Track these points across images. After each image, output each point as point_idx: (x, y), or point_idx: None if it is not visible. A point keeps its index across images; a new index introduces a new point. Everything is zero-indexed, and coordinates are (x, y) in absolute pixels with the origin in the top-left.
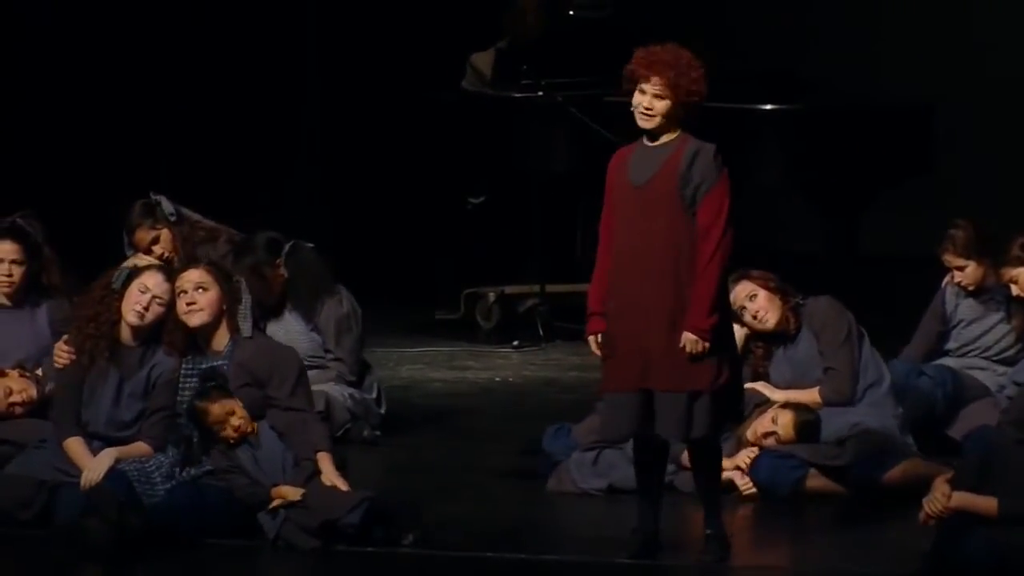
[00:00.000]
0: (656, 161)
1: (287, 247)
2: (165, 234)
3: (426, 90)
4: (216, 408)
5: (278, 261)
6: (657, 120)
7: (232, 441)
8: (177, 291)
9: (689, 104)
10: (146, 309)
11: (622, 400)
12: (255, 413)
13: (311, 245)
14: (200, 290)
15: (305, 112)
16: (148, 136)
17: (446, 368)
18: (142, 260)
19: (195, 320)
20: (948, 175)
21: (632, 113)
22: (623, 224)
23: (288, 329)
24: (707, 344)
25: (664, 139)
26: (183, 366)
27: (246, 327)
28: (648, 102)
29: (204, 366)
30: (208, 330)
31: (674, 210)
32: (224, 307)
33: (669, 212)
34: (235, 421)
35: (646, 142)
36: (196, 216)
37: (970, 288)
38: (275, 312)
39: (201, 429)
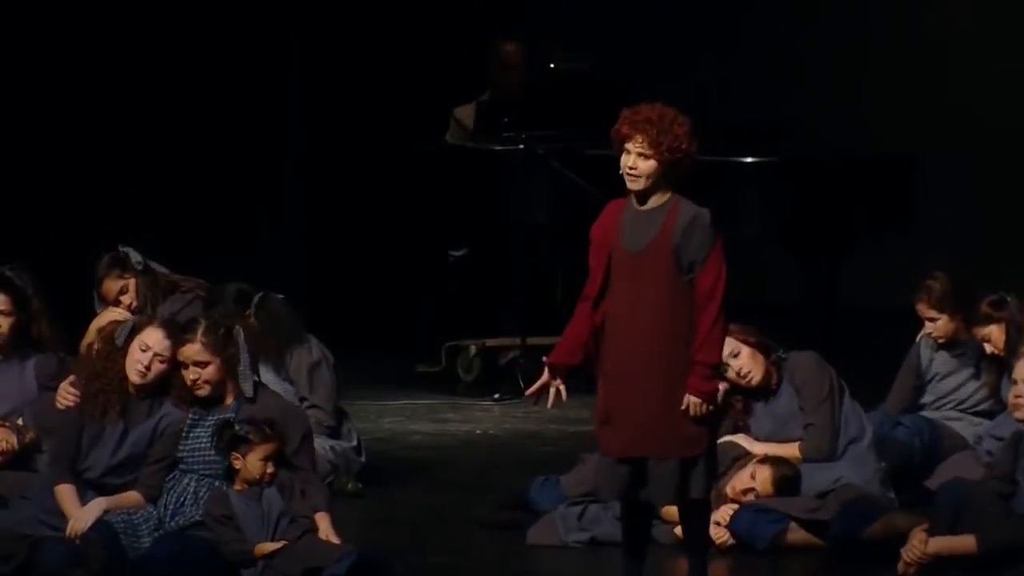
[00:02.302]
0: (650, 227)
1: (257, 298)
2: (133, 284)
3: (408, 142)
4: (261, 450)
5: (248, 313)
6: (643, 181)
7: (264, 482)
8: (180, 361)
9: (676, 162)
10: (148, 368)
11: (615, 464)
12: None
13: (281, 296)
14: (199, 366)
15: (286, 163)
16: (124, 187)
17: (427, 420)
18: (114, 313)
19: (202, 394)
20: (930, 225)
21: (612, 164)
22: (617, 289)
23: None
24: (711, 408)
25: (655, 202)
26: (189, 417)
27: (247, 387)
28: (633, 162)
29: (212, 419)
30: (215, 396)
31: (670, 277)
32: (226, 372)
33: (665, 279)
34: (270, 468)
35: (636, 204)
36: (163, 268)
37: (940, 341)
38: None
39: (230, 464)
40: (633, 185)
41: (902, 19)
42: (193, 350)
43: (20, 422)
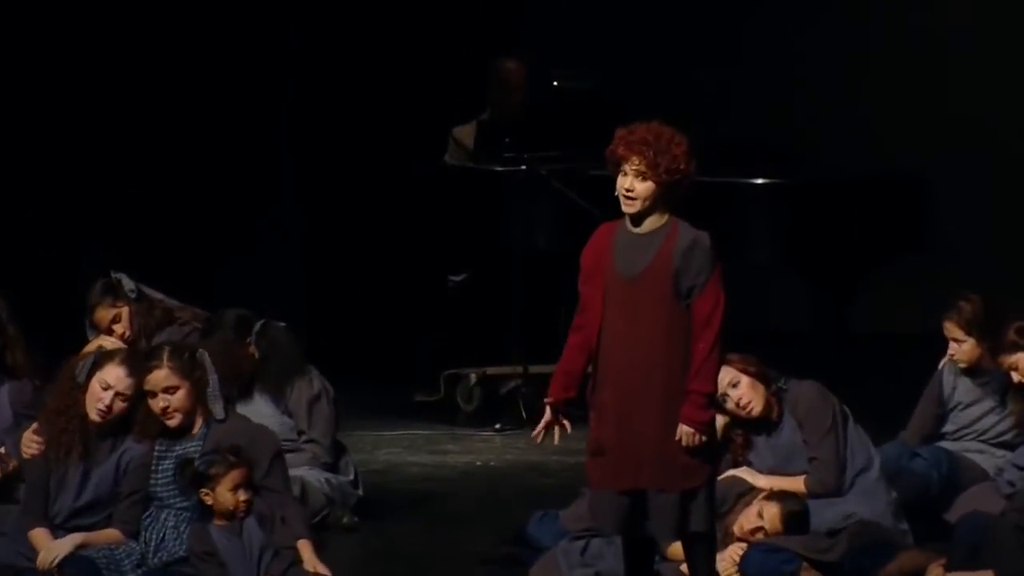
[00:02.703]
0: (646, 251)
1: (258, 326)
2: (126, 312)
3: (406, 163)
4: (228, 480)
5: (248, 340)
6: (639, 204)
7: (239, 511)
8: (147, 388)
9: (674, 184)
10: (108, 408)
11: (612, 499)
12: None
13: (283, 324)
14: (169, 392)
15: (283, 184)
16: (114, 210)
17: (425, 452)
18: (106, 342)
19: (174, 423)
20: (945, 249)
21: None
22: (610, 316)
23: (258, 411)
24: (704, 438)
25: (651, 224)
26: (156, 449)
27: (218, 409)
28: (629, 184)
29: (180, 449)
30: (184, 423)
31: (667, 303)
32: (195, 397)
33: (662, 305)
34: (243, 495)
35: (631, 227)
36: (158, 295)
37: (963, 365)
38: (243, 393)
39: (201, 500)
40: (630, 208)
41: (906, 29)
42: (160, 376)
43: (2, 450)
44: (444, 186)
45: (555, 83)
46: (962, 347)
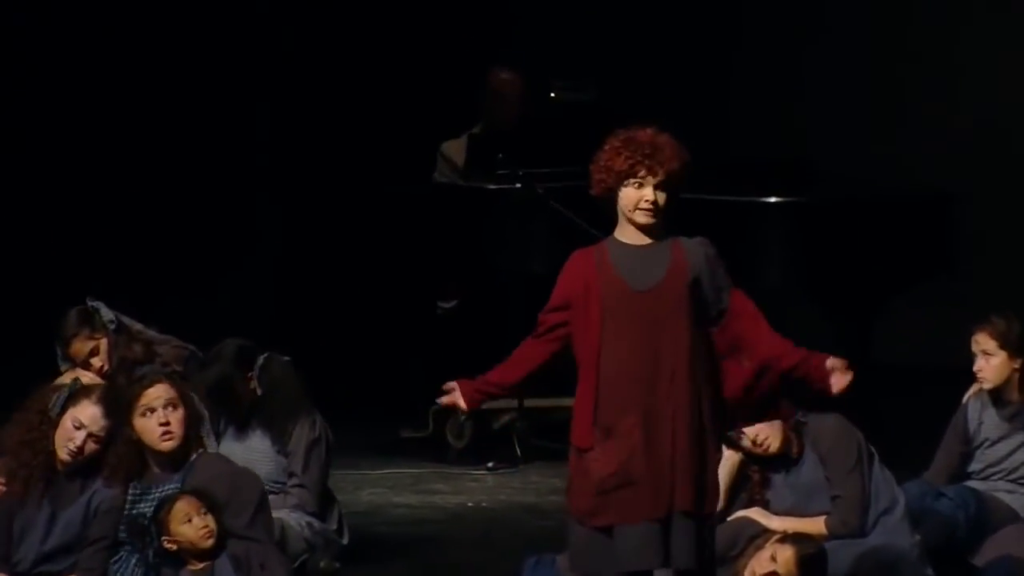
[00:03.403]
0: (656, 262)
1: (261, 359)
2: (104, 345)
3: (391, 182)
4: (178, 513)
5: (250, 375)
6: (660, 215)
7: (205, 540)
8: (139, 409)
9: (679, 190)
10: (79, 449)
11: (644, 532)
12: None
13: (287, 359)
14: (171, 407)
15: (257, 206)
16: (85, 234)
17: (412, 492)
18: (83, 376)
19: (171, 445)
20: (973, 272)
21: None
22: (619, 336)
23: (250, 448)
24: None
25: (658, 236)
26: (130, 492)
27: (210, 443)
28: (651, 195)
29: (158, 491)
30: (176, 453)
31: (688, 313)
32: (189, 426)
33: (682, 315)
34: (199, 522)
35: (625, 240)
36: (138, 326)
37: (989, 386)
38: (239, 428)
39: (159, 547)
40: (650, 220)
41: (928, 38)
42: (161, 390)
43: None
44: (432, 206)
45: (552, 94)
46: (990, 362)
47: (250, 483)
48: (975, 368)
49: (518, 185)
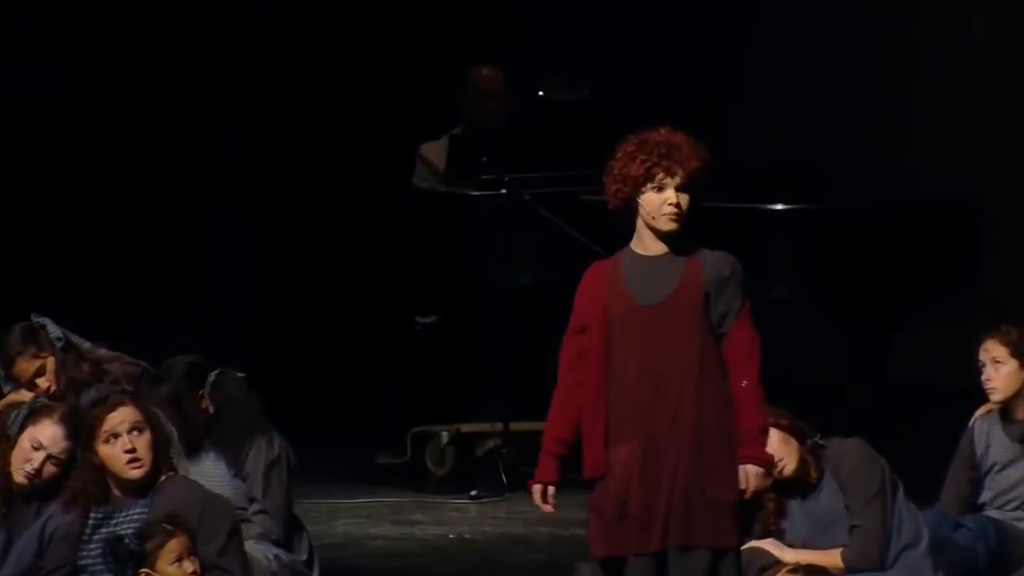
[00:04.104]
0: (670, 274)
1: (213, 376)
2: (51, 364)
3: (366, 188)
4: (168, 552)
5: (201, 392)
6: (681, 220)
7: None
8: (103, 435)
9: (701, 195)
10: (37, 472)
11: (640, 566)
12: None
13: (241, 375)
14: (136, 432)
15: (219, 213)
16: (31, 246)
17: (390, 522)
18: (24, 396)
19: (139, 473)
20: (998, 287)
21: (612, 215)
22: (627, 355)
23: (205, 473)
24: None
25: (675, 245)
26: (92, 516)
27: (182, 464)
28: (675, 198)
29: (123, 516)
30: (144, 478)
31: (699, 330)
32: (156, 450)
33: (693, 333)
34: (189, 567)
35: (640, 251)
36: (87, 344)
37: (997, 397)
38: (189, 451)
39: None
40: (674, 226)
41: (948, 37)
42: (127, 412)
43: None
44: (410, 213)
45: (540, 93)
46: (1000, 371)
47: (222, 509)
48: (984, 378)
49: (503, 191)
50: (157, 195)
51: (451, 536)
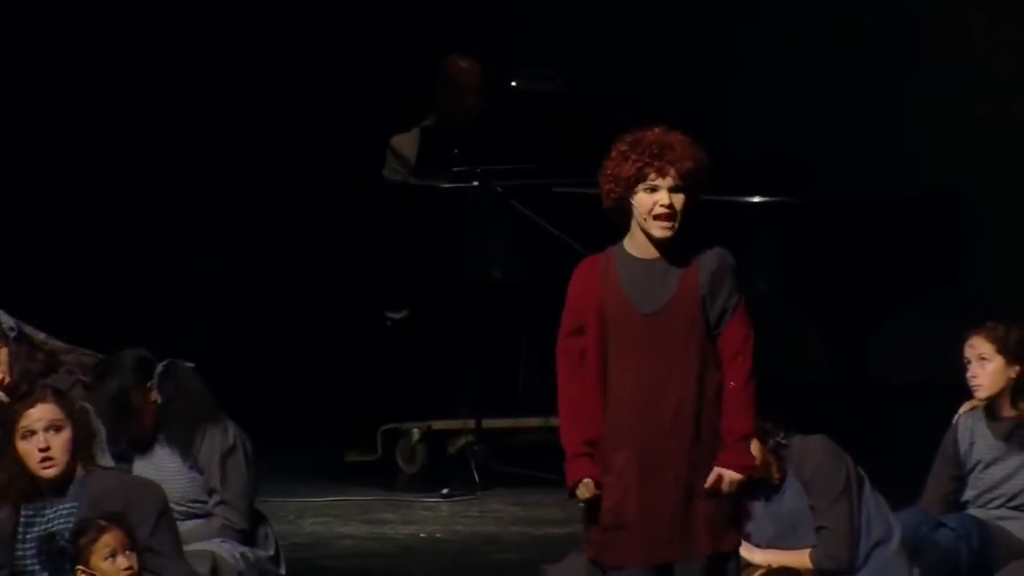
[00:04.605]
0: (666, 278)
1: (160, 367)
2: (4, 355)
3: (334, 179)
4: (102, 547)
5: (149, 384)
6: (676, 224)
7: None
8: (20, 431)
9: (699, 195)
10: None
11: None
12: None
13: (191, 365)
14: (53, 431)
15: (185, 205)
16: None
17: (359, 521)
18: None
19: (52, 473)
20: (983, 281)
21: (588, 205)
22: (625, 359)
23: (160, 467)
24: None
25: (671, 247)
26: (23, 513)
27: (106, 460)
28: (668, 200)
29: (52, 512)
30: (60, 477)
31: (698, 337)
32: (75, 447)
33: (692, 340)
34: (123, 562)
35: (634, 252)
36: (41, 335)
37: (982, 395)
38: (143, 447)
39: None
40: (668, 230)
41: (933, 25)
42: (45, 410)
43: None
44: (380, 206)
45: (513, 84)
46: (985, 368)
47: (150, 491)
48: (969, 375)
49: (475, 183)
50: (124, 191)
51: (422, 535)
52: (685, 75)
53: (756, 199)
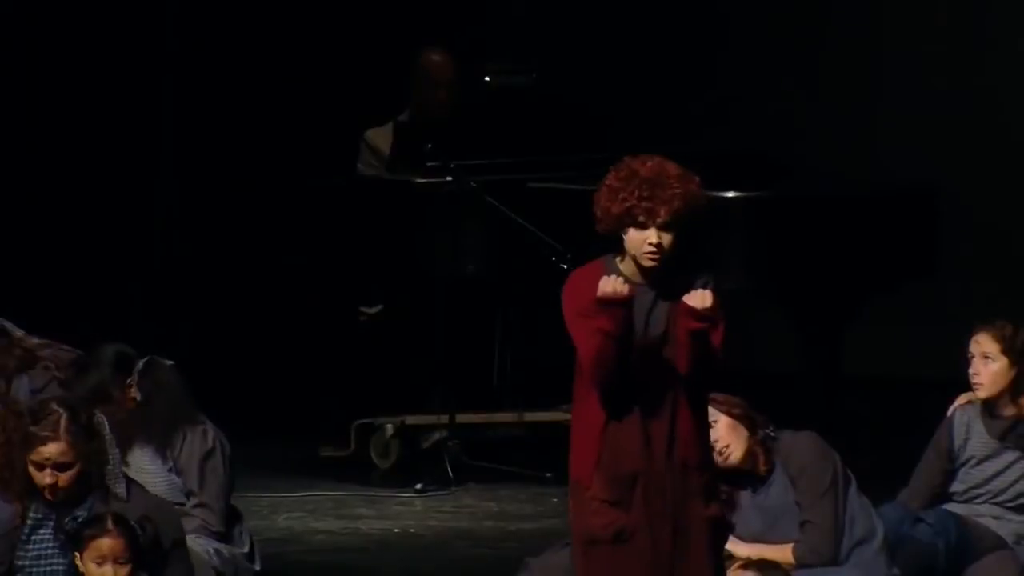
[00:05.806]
0: (659, 307)
1: (140, 364)
2: None
3: (307, 173)
4: (94, 549)
5: (129, 381)
6: (663, 258)
7: None
8: (32, 457)
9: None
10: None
11: None
12: None
13: (170, 362)
14: (60, 468)
15: (156, 197)
16: None
17: (333, 517)
18: None
19: (57, 499)
20: (955, 276)
21: (561, 200)
22: (626, 384)
23: (138, 467)
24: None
25: (654, 279)
26: (30, 515)
27: (120, 490)
28: (656, 238)
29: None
30: (69, 497)
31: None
32: (85, 473)
33: (679, 373)
34: (108, 572)
35: (627, 274)
36: (18, 331)
37: (982, 395)
38: (121, 446)
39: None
40: (653, 264)
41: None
42: (54, 450)
43: None
44: (354, 201)
45: (487, 78)
46: (989, 367)
47: (168, 518)
48: (971, 372)
49: (449, 178)
50: (96, 187)
51: (396, 530)
52: (659, 69)
53: (730, 193)
